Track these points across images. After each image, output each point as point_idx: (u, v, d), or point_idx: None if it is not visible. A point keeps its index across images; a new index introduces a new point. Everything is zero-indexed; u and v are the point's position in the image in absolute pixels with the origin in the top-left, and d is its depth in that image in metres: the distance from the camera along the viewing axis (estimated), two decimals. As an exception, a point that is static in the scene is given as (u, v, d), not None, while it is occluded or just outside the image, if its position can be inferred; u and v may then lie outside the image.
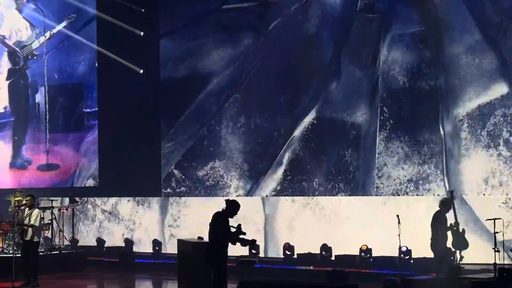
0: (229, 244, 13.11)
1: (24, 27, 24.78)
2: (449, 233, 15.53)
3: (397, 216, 16.92)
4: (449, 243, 15.69)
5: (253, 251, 19.33)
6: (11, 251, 18.44)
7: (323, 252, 18.69)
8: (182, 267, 16.47)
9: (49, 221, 20.13)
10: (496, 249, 15.30)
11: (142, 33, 22.06)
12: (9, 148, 24.76)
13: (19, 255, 17.19)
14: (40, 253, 17.98)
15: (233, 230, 13.05)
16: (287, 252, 19.26)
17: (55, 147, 23.81)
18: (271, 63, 20.25)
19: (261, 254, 19.70)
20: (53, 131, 23.92)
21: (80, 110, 23.66)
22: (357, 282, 14.57)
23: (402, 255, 17.44)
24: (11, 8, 24.99)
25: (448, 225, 15.48)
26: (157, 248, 21.21)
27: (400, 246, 17.14)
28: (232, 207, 13.12)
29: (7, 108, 24.94)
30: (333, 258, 18.66)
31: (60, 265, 19.57)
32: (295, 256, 19.13)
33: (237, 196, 20.54)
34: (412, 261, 17.55)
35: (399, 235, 16.89)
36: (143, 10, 22.04)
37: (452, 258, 15.98)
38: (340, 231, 19.20)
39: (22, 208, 17.47)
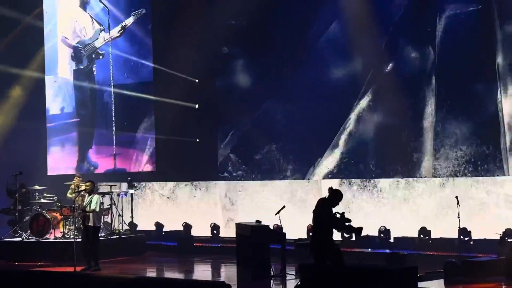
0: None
1: (88, 25, 24.77)
2: None
3: (456, 197, 16.75)
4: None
5: (311, 234, 19.30)
6: (72, 236, 18.71)
7: (382, 235, 18.61)
8: (240, 251, 16.52)
9: (109, 206, 20.36)
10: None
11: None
12: (75, 152, 24.95)
13: (80, 240, 17.45)
14: (100, 238, 18.19)
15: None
16: (345, 234, 19.20)
17: (122, 149, 23.98)
18: (323, 43, 20.13)
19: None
20: (120, 133, 24.01)
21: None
22: (416, 264, 14.46)
23: (461, 237, 17.27)
24: (74, 5, 24.97)
25: None
26: (215, 231, 21.32)
27: (459, 227, 16.99)
28: (335, 196, 13.07)
29: (64, 109, 25.07)
30: (391, 240, 18.56)
31: (120, 250, 19.78)
32: (353, 238, 19.07)
33: (293, 179, 20.57)
34: (472, 242, 17.38)
35: (458, 217, 16.71)
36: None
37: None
38: (399, 213, 19.10)
39: (82, 193, 17.70)
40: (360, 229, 13.08)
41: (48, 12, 25.31)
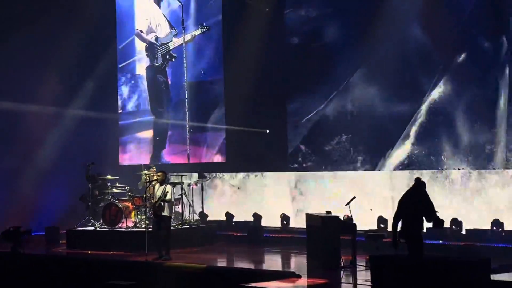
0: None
1: (163, 23, 24.89)
2: None
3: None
4: None
5: (382, 225, 19.24)
6: (143, 226, 18.92)
7: (453, 226, 18.40)
8: (310, 241, 16.53)
9: (179, 196, 20.54)
10: None
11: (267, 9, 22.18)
12: (148, 150, 25.23)
13: (151, 229, 17.64)
14: (171, 228, 18.36)
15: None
16: (381, 225, 19.08)
17: (194, 142, 24.17)
18: (396, 34, 19.95)
19: (390, 229, 19.52)
20: (193, 128, 24.16)
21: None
22: (489, 256, 14.27)
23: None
24: (149, 1, 25.25)
25: None
26: (285, 222, 21.34)
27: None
28: (423, 186, 13.02)
29: (140, 106, 25.33)
30: (463, 232, 18.35)
31: (191, 239, 19.92)
32: (425, 230, 18.87)
33: (364, 170, 20.48)
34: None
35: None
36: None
37: None
38: (470, 205, 18.87)
39: (153, 183, 17.88)
40: (443, 221, 13.04)
41: (124, 6, 25.61)
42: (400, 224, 13.08)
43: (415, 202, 12.97)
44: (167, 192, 17.22)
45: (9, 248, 16.12)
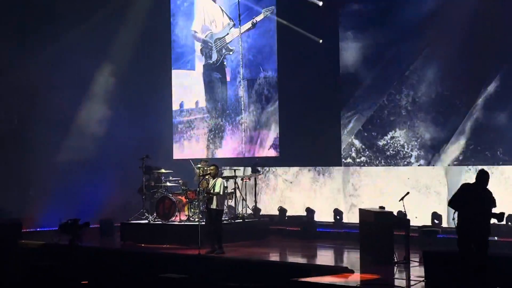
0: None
1: (219, 18, 24.89)
2: None
3: None
4: None
5: (436, 221, 19.09)
6: (196, 219, 19.00)
7: (509, 223, 18.16)
8: (364, 237, 16.46)
9: (232, 190, 20.58)
10: None
11: (320, 3, 22.07)
12: (202, 144, 25.31)
13: (204, 223, 17.70)
14: (224, 222, 18.42)
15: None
16: (435, 220, 18.88)
17: (251, 147, 24.21)
18: (451, 29, 19.73)
19: (444, 224, 19.37)
20: (248, 125, 24.22)
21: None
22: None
23: None
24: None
25: None
26: (338, 217, 21.28)
27: None
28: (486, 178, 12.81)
29: (198, 104, 25.44)
30: (519, 228, 18.14)
31: (243, 233, 19.95)
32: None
33: (418, 165, 20.32)
34: None
35: None
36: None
37: None
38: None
39: (207, 177, 17.94)
40: (503, 213, 12.81)
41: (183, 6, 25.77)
42: (456, 216, 12.77)
43: (482, 199, 12.65)
44: (215, 184, 17.29)
45: (67, 241, 16.33)
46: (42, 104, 23.28)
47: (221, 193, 17.38)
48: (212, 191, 17.22)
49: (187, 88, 25.71)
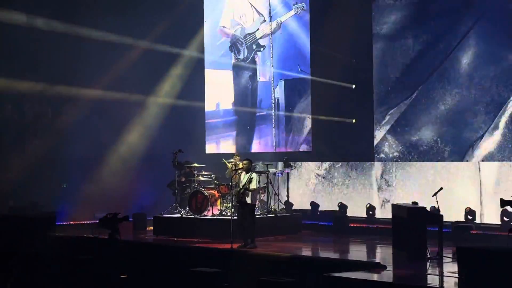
0: None
1: (249, 13, 24.82)
2: None
3: None
4: None
5: (469, 217, 18.98)
6: (229, 214, 19.03)
7: (542, 219, 18.04)
8: (396, 232, 16.40)
9: (265, 185, 20.60)
10: None
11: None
12: (234, 139, 25.39)
13: (237, 217, 17.74)
14: (257, 216, 18.43)
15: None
16: (504, 218, 18.71)
17: (281, 136, 24.22)
18: (485, 22, 19.57)
19: (478, 220, 19.26)
20: (280, 120, 24.26)
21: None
22: None
23: None
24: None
25: None
26: (370, 212, 21.23)
27: None
28: None
29: (230, 102, 25.58)
30: (554, 224, 17.97)
31: (276, 228, 19.94)
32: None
33: (451, 160, 20.21)
34: None
35: None
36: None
37: None
38: (562, 197, 18.43)
39: (239, 171, 17.97)
40: None
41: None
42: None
43: None
44: (252, 179, 17.33)
45: (106, 234, 16.52)
46: (76, 98, 23.47)
47: (256, 188, 17.43)
48: (248, 187, 17.28)
49: (218, 87, 25.78)
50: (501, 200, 14.28)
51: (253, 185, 17.34)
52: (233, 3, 25.28)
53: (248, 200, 17.32)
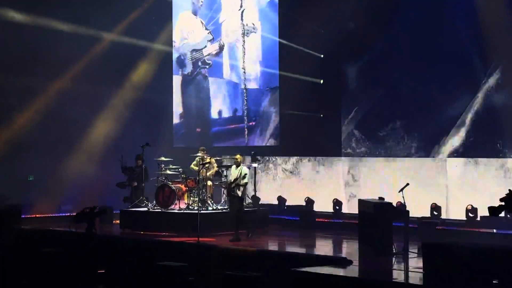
0: None
1: (197, 28, 25.24)
2: None
3: None
4: None
5: (435, 213, 19.11)
6: (196, 208, 18.96)
7: (508, 216, 18.15)
8: (363, 227, 16.46)
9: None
10: None
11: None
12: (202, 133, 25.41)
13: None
14: (222, 211, 18.51)
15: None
16: (470, 214, 18.85)
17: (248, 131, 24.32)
18: (453, 19, 19.66)
19: (444, 216, 19.39)
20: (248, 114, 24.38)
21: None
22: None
23: None
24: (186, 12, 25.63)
25: None
26: (337, 207, 21.29)
27: None
28: None
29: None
30: (519, 221, 18.12)
31: (242, 223, 19.89)
32: (478, 218, 18.71)
33: (418, 156, 20.32)
34: None
35: None
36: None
37: None
38: (527, 194, 18.56)
39: (207, 165, 18.00)
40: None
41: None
42: None
43: None
44: (246, 175, 17.91)
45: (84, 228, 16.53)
46: (43, 90, 23.35)
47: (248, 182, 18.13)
48: (240, 182, 17.77)
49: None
50: (490, 208, 13.49)
51: (246, 180, 17.89)
52: (183, 18, 25.56)
53: (239, 193, 17.74)
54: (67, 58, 23.26)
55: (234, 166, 18.15)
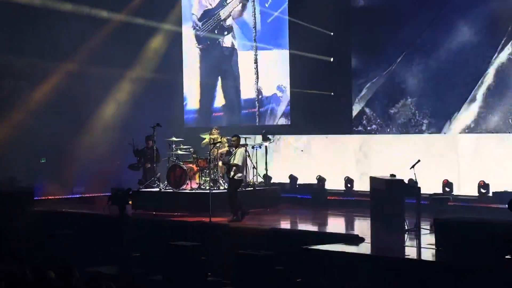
0: None
1: None
2: None
3: None
4: None
5: (447, 189, 19.08)
6: (207, 187, 18.98)
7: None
8: (374, 204, 16.46)
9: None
10: None
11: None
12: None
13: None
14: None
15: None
16: (482, 190, 18.82)
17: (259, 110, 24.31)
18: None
19: (455, 192, 19.36)
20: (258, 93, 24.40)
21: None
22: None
23: None
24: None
25: None
26: (349, 185, 21.28)
27: None
28: None
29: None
30: (530, 196, 18.04)
31: (254, 201, 19.92)
32: (490, 194, 18.68)
33: (429, 133, 20.28)
34: None
35: None
36: None
37: None
38: (538, 169, 18.57)
39: (218, 145, 18.00)
40: None
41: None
42: None
43: None
44: (235, 154, 17.67)
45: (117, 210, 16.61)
46: (53, 72, 23.36)
47: (240, 163, 17.51)
48: (231, 162, 17.55)
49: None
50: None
51: (237, 161, 17.55)
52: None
53: (232, 173, 17.60)
54: (77, 39, 23.22)
55: (233, 148, 18.07)
